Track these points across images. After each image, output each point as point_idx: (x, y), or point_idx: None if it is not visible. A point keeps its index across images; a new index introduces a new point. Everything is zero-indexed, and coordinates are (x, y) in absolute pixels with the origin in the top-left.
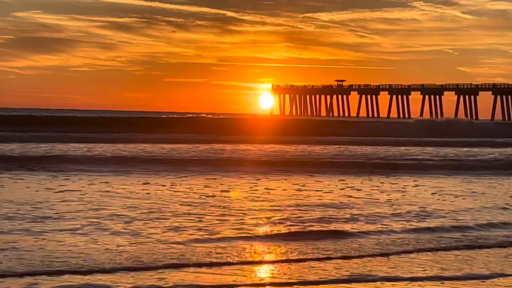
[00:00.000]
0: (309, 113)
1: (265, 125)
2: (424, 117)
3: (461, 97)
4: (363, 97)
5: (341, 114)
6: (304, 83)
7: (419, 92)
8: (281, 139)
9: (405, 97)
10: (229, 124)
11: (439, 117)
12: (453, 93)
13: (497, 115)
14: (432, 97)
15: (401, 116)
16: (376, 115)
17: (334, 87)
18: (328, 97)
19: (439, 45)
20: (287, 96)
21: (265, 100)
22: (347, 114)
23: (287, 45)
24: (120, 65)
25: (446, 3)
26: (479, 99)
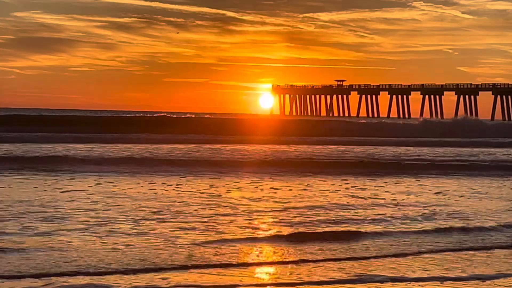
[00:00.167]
0: (309, 113)
1: (276, 126)
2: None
3: (461, 97)
4: (363, 97)
5: (341, 114)
6: (304, 83)
7: (419, 92)
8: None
9: (405, 97)
10: (234, 124)
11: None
12: (453, 93)
13: (497, 115)
14: (432, 97)
15: (401, 116)
16: (376, 115)
17: (334, 87)
18: (328, 97)
19: (439, 45)
20: (287, 96)
21: (265, 100)
22: (347, 114)
23: (287, 45)
24: (120, 65)
25: (446, 3)
26: (479, 99)
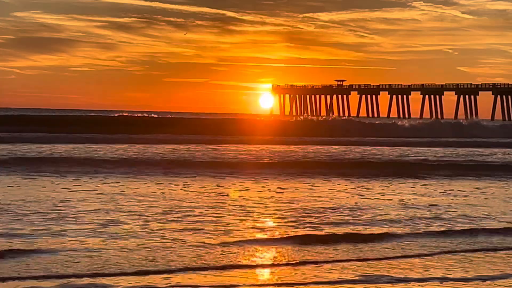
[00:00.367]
0: (309, 113)
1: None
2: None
3: (461, 97)
4: (363, 97)
5: (341, 114)
6: (304, 83)
7: (419, 92)
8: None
9: (405, 97)
10: (240, 124)
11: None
12: (453, 93)
13: (497, 115)
14: (432, 97)
15: (401, 116)
16: (376, 115)
17: (334, 87)
18: (328, 97)
19: (439, 45)
20: (287, 96)
21: (265, 100)
22: (347, 114)
23: (287, 45)
24: (120, 65)
25: (446, 3)
26: (479, 99)
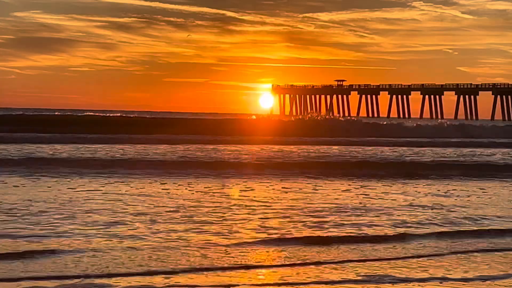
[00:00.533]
0: (309, 112)
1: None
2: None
3: (461, 97)
4: (363, 97)
5: (341, 114)
6: (304, 83)
7: (419, 92)
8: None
9: (405, 97)
10: (246, 124)
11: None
12: (453, 93)
13: (497, 115)
14: (432, 97)
15: (401, 116)
16: (376, 115)
17: (334, 87)
18: (328, 97)
19: (439, 45)
20: (287, 96)
21: (265, 100)
22: (347, 114)
23: (287, 45)
24: (120, 65)
25: (446, 3)
26: (479, 99)
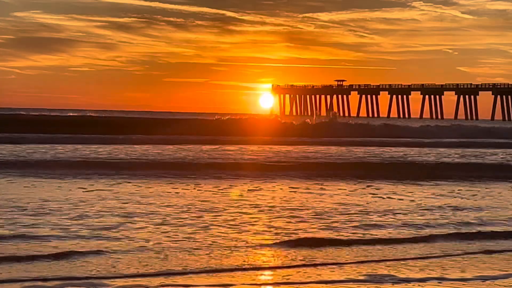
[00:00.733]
0: (309, 113)
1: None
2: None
3: (461, 97)
4: (363, 97)
5: (341, 114)
6: (304, 83)
7: (419, 92)
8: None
9: (405, 97)
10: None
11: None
12: (453, 93)
13: (497, 115)
14: (432, 97)
15: (401, 116)
16: (376, 115)
17: (334, 87)
18: (328, 97)
19: (439, 45)
20: (287, 96)
21: (265, 100)
22: (347, 114)
23: (287, 45)
24: (120, 65)
25: (445, 3)
26: (479, 99)
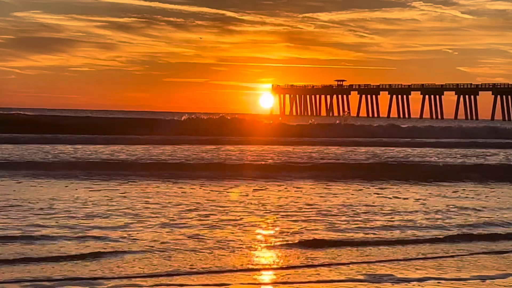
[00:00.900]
0: (309, 113)
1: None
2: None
3: (461, 97)
4: (363, 97)
5: (341, 114)
6: (304, 83)
7: (419, 92)
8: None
9: (405, 97)
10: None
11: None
12: (453, 93)
13: (497, 115)
14: (432, 97)
15: (401, 116)
16: (376, 115)
17: (334, 87)
18: (328, 97)
19: (439, 45)
20: (287, 96)
21: (265, 100)
22: (347, 114)
23: (287, 45)
24: (120, 65)
25: (445, 3)
26: (479, 99)
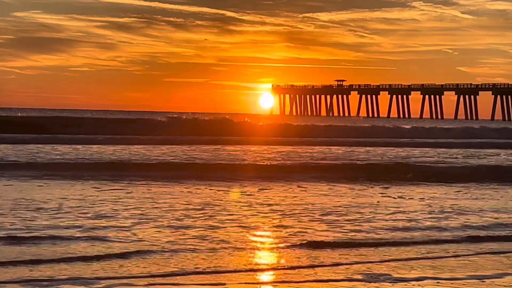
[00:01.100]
0: (309, 113)
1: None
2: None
3: (461, 97)
4: (363, 97)
5: (341, 114)
6: (304, 83)
7: (419, 92)
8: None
9: (405, 97)
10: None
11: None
12: (453, 93)
13: (497, 115)
14: (432, 97)
15: (401, 116)
16: (376, 115)
17: (334, 87)
18: (328, 97)
19: (439, 45)
20: (287, 96)
21: (265, 100)
22: (347, 114)
23: (287, 45)
24: (120, 65)
25: (445, 3)
26: (479, 99)
